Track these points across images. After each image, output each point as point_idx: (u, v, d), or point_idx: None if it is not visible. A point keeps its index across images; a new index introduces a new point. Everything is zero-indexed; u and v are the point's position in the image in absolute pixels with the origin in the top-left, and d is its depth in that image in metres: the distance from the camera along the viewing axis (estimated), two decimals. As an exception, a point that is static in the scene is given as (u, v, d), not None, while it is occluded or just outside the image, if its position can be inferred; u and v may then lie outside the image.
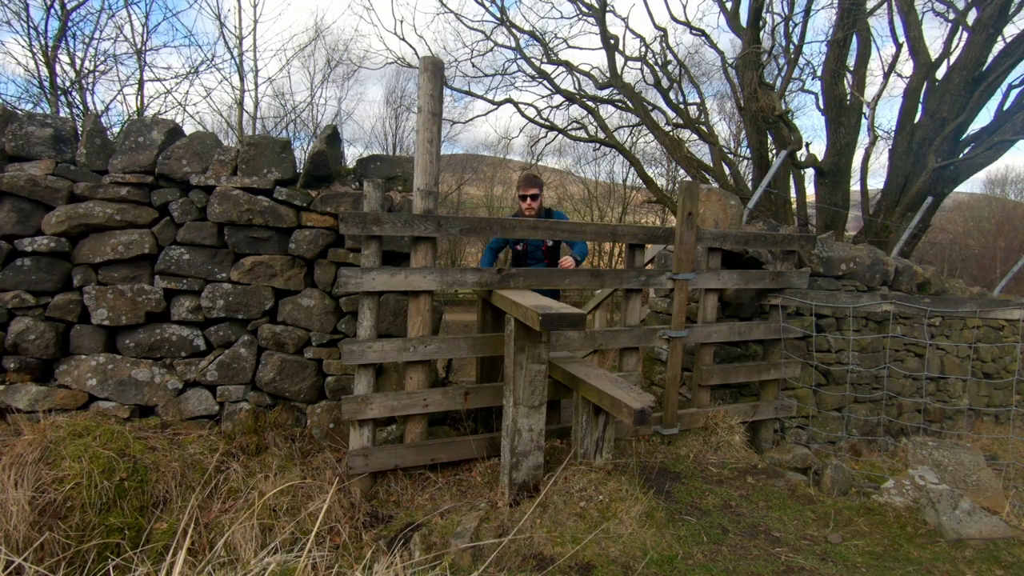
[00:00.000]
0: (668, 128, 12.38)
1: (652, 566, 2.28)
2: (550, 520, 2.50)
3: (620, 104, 12.98)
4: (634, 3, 21.22)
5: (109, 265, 3.24)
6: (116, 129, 6.60)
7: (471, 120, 24.91)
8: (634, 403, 2.50)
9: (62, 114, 6.20)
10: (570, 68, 12.86)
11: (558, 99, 13.45)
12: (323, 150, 3.31)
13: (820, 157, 9.13)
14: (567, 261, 3.83)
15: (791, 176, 10.28)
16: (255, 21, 12.72)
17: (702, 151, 14.47)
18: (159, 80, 7.91)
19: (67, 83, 6.57)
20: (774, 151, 9.32)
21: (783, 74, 10.99)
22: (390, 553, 2.39)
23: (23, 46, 6.33)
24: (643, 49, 12.16)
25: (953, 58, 8.47)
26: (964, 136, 8.31)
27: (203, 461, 2.93)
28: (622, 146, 13.78)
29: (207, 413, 3.33)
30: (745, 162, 15.02)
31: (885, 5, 9.35)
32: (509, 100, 13.52)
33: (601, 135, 13.50)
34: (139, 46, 7.02)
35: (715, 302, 3.84)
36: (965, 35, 8.20)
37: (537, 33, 12.82)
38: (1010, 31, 8.14)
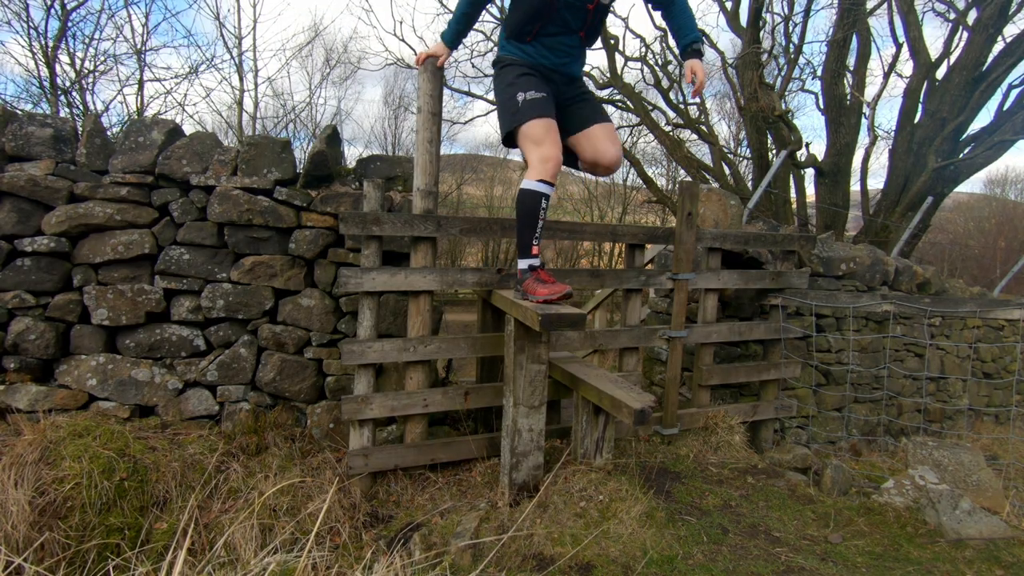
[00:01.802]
0: (668, 128, 12.38)
1: (652, 566, 2.28)
2: (550, 520, 2.50)
3: (620, 104, 12.97)
4: (634, 3, 21.20)
5: (109, 265, 3.24)
6: (116, 129, 6.61)
7: (471, 120, 24.97)
8: (634, 403, 2.50)
9: (62, 114, 6.21)
10: (570, 68, 12.84)
11: (558, 99, 13.43)
12: (323, 150, 3.31)
13: (820, 157, 9.13)
14: (697, 71, 2.56)
15: (791, 176, 10.28)
16: (254, 21, 12.75)
17: (702, 151, 14.47)
18: (159, 80, 7.90)
19: (67, 83, 6.57)
20: (774, 151, 9.32)
21: (783, 74, 11.00)
22: (390, 553, 2.39)
23: (23, 46, 6.33)
24: (643, 49, 12.18)
25: (953, 58, 8.47)
26: (964, 136, 8.31)
27: (203, 461, 2.93)
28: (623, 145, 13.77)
29: (207, 413, 3.33)
30: (745, 162, 15.02)
31: (885, 5, 9.36)
32: (509, 100, 13.49)
33: (601, 135, 13.45)
34: (139, 46, 7.02)
35: (715, 302, 3.84)
36: (965, 35, 8.21)
37: (537, 33, 12.80)
38: (1010, 31, 8.15)
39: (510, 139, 2.65)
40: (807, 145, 8.89)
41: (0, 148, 3.16)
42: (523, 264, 2.62)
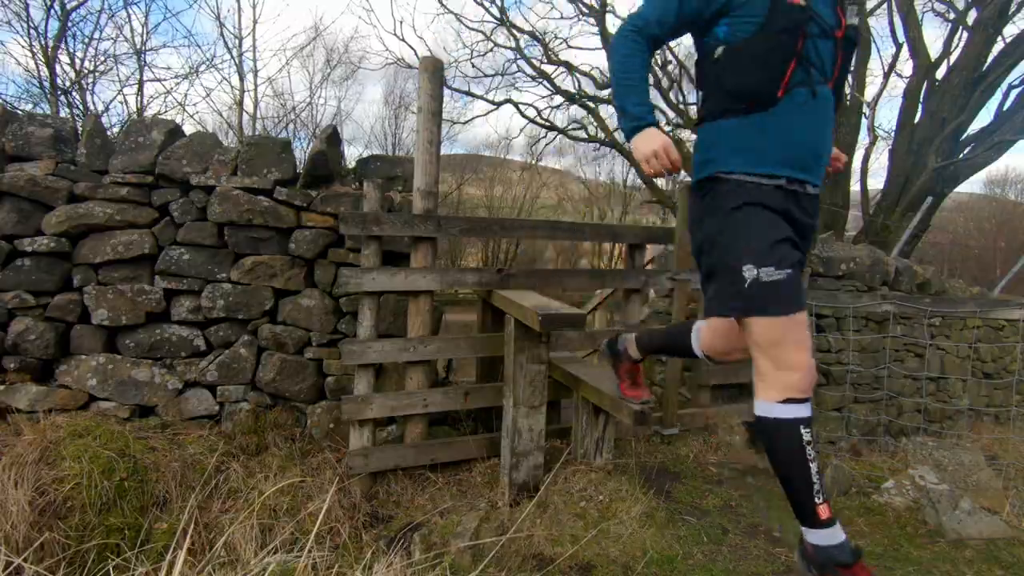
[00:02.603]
0: (668, 128, 12.38)
1: (652, 566, 2.28)
2: (550, 520, 2.49)
3: (620, 104, 12.96)
4: (634, 3, 21.23)
5: (109, 265, 3.24)
6: (116, 129, 6.60)
7: (471, 120, 24.96)
8: (634, 403, 2.50)
9: (62, 114, 6.20)
10: (570, 68, 12.86)
11: (558, 99, 13.45)
12: (323, 150, 3.31)
13: (820, 157, 9.10)
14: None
15: (791, 176, 10.26)
16: (255, 22, 12.69)
17: (702, 151, 14.44)
18: (159, 80, 7.89)
19: (67, 83, 6.57)
20: (774, 151, 9.30)
21: (783, 74, 10.97)
22: (390, 553, 2.39)
23: (23, 46, 6.34)
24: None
25: (953, 58, 8.46)
26: (964, 136, 8.31)
27: (203, 461, 2.93)
28: (622, 146, 13.78)
29: (207, 413, 3.33)
30: (745, 162, 14.98)
31: (885, 5, 9.35)
32: (509, 100, 13.51)
33: (601, 135, 13.49)
34: (139, 46, 7.03)
35: (715, 302, 3.83)
36: (965, 35, 8.21)
37: (537, 34, 12.81)
38: (1010, 31, 8.14)
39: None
40: (807, 145, 8.87)
41: (0, 148, 3.16)
42: (814, 536, 1.49)
